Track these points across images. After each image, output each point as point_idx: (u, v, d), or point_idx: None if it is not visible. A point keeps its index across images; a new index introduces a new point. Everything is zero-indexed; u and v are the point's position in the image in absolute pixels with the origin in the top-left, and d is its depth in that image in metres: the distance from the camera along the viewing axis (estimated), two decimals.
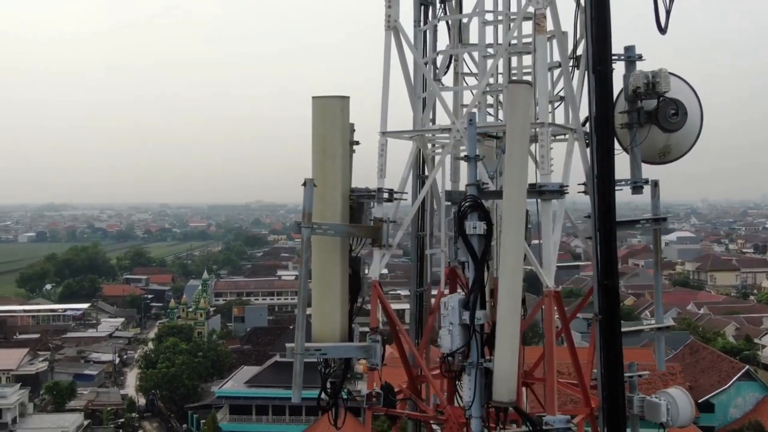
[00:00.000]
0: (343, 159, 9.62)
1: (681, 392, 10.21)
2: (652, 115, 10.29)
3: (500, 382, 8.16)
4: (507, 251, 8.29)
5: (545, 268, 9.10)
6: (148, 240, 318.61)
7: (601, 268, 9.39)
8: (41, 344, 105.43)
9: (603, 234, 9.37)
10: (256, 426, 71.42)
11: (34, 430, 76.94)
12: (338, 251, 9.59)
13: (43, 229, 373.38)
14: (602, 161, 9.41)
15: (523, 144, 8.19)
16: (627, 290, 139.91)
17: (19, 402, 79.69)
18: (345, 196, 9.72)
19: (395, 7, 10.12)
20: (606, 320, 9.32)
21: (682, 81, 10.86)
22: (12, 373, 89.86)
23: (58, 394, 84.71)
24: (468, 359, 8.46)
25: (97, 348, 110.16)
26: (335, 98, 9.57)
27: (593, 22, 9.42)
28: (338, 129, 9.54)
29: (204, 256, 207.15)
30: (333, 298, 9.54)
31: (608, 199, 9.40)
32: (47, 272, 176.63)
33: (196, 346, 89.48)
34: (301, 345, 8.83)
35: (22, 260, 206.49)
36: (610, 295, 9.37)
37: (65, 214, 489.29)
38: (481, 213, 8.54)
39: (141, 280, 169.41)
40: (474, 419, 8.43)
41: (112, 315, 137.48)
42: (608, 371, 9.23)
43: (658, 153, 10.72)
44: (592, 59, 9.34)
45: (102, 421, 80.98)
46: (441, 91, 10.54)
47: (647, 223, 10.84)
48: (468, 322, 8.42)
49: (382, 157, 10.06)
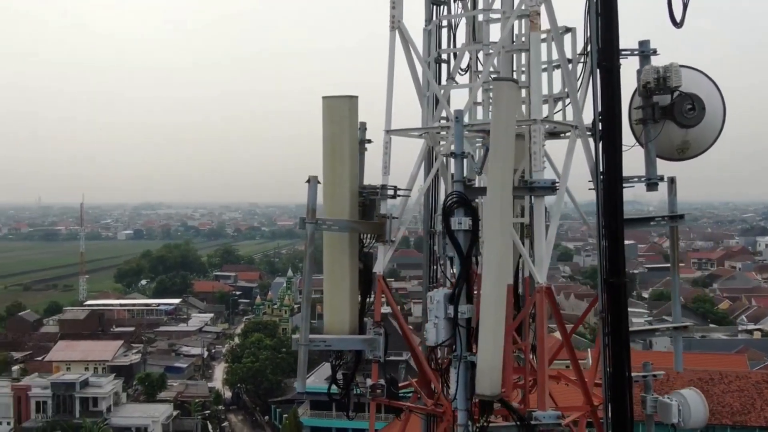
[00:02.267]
0: (351, 157, 9.87)
1: (695, 393, 9.98)
2: (667, 111, 10.08)
3: (483, 375, 8.23)
4: (490, 245, 8.34)
5: (537, 264, 9.11)
6: (237, 238, 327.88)
7: (607, 265, 9.29)
8: (135, 337, 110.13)
9: (609, 231, 9.28)
10: (335, 422, 72.42)
11: (126, 418, 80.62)
12: (347, 247, 9.85)
13: (139, 227, 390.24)
14: (609, 158, 9.33)
15: (508, 140, 8.22)
16: (722, 294, 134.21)
17: (114, 391, 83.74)
18: (354, 193, 9.96)
19: (399, 8, 10.30)
20: (612, 318, 9.22)
21: (704, 75, 10.59)
22: (107, 364, 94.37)
23: (150, 385, 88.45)
24: (453, 353, 8.60)
25: (187, 342, 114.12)
26: (343, 98, 9.83)
27: (599, 16, 9.36)
28: (346, 128, 9.79)
29: (291, 255, 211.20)
30: (343, 292, 9.81)
31: (614, 196, 9.30)
32: (142, 268, 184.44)
33: (279, 342, 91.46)
34: (305, 336, 9.16)
35: (120, 257, 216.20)
36: (615, 292, 9.25)
37: (160, 213, 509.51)
38: (467, 209, 8.65)
39: (230, 277, 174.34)
40: (459, 412, 8.57)
41: (201, 310, 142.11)
42: (614, 370, 9.15)
43: (676, 149, 10.47)
44: (597, 54, 9.29)
45: (190, 412, 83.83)
46: (452, 89, 10.66)
47: (663, 220, 10.60)
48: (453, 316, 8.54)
49: (386, 155, 10.26)
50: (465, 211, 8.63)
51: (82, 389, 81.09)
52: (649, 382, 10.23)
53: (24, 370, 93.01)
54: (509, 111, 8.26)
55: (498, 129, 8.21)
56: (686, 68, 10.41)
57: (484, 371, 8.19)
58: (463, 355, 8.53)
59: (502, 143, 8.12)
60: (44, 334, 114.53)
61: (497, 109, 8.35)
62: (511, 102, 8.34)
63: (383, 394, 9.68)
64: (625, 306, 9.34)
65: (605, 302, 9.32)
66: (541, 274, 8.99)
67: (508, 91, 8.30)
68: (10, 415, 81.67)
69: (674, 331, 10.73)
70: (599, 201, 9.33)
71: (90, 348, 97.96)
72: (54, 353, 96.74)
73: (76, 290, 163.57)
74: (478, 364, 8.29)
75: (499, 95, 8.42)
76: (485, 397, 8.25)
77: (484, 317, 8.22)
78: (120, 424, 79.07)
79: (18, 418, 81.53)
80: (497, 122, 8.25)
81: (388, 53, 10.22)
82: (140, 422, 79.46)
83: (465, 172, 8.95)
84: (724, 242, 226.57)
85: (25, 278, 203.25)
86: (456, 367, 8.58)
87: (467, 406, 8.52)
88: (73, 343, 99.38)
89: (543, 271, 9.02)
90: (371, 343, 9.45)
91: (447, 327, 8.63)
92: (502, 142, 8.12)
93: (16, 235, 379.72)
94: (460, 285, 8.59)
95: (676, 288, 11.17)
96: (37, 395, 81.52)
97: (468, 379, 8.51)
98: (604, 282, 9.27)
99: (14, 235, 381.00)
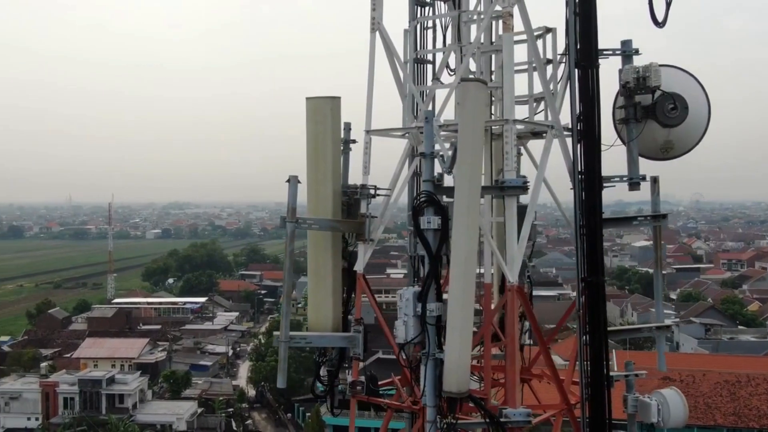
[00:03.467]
0: (333, 157, 10.03)
1: (675, 393, 9.97)
2: (649, 110, 10.09)
3: (450, 373, 8.32)
4: (458, 243, 8.41)
5: (509, 263, 9.15)
6: (263, 237, 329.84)
7: (586, 264, 9.33)
8: (161, 335, 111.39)
9: (588, 230, 9.31)
10: (358, 421, 72.46)
11: (151, 415, 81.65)
12: (330, 245, 10.01)
13: (167, 226, 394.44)
14: (587, 157, 9.37)
15: (474, 140, 8.30)
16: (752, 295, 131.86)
17: (139, 388, 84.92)
18: (336, 192, 10.11)
19: (379, 10, 10.43)
20: (590, 316, 9.25)
21: (689, 75, 10.57)
22: (134, 362, 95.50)
23: (175, 382, 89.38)
24: (423, 350, 8.70)
25: (212, 340, 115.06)
26: (326, 99, 10.00)
27: (577, 16, 9.38)
28: (329, 128, 9.95)
29: None
30: (325, 289, 9.98)
31: (593, 195, 9.34)
32: (169, 267, 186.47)
33: None
34: (285, 333, 9.33)
35: (148, 256, 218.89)
36: (594, 291, 9.29)
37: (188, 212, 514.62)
38: (436, 208, 8.75)
39: (255, 276, 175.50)
40: (428, 408, 8.66)
41: (227, 309, 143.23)
42: (592, 368, 9.18)
43: (660, 149, 10.46)
44: (575, 55, 9.32)
45: (214, 409, 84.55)
46: (437, 89, 10.75)
47: (645, 219, 10.59)
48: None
49: (366, 155, 10.39)
50: (434, 210, 8.73)
51: (108, 386, 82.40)
52: (631, 382, 10.22)
53: (52, 366, 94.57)
54: (475, 111, 8.33)
55: (465, 129, 8.29)
56: (671, 68, 10.42)
57: (451, 369, 8.29)
58: (432, 352, 8.62)
59: (468, 143, 8.20)
60: (73, 332, 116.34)
61: (463, 109, 8.44)
62: (478, 102, 8.41)
63: (363, 390, 9.80)
64: (603, 304, 9.36)
65: (587, 301, 9.35)
66: (512, 273, 9.05)
67: (474, 92, 8.38)
68: (39, 411, 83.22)
69: (656, 331, 10.71)
70: (577, 200, 9.36)
71: (117, 345, 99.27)
72: (82, 350, 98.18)
73: (105, 288, 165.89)
74: (446, 362, 8.39)
75: (464, 95, 8.51)
76: (452, 395, 8.34)
77: (452, 315, 8.30)
78: (145, 420, 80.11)
79: (46, 413, 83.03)
80: (463, 122, 8.34)
81: (368, 54, 10.33)
82: (165, 419, 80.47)
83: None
84: (755, 243, 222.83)
85: (56, 276, 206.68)
86: (425, 364, 8.68)
87: (436, 403, 8.62)
88: (101, 340, 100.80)
89: (514, 271, 9.07)
90: (351, 341, 9.59)
91: (416, 325, 8.75)
92: (468, 142, 8.20)
93: (47, 233, 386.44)
94: (428, 283, 8.70)
95: (659, 287, 11.14)
96: (65, 391, 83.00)
97: (437, 377, 8.60)
98: (581, 281, 9.30)
99: (45, 233, 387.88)
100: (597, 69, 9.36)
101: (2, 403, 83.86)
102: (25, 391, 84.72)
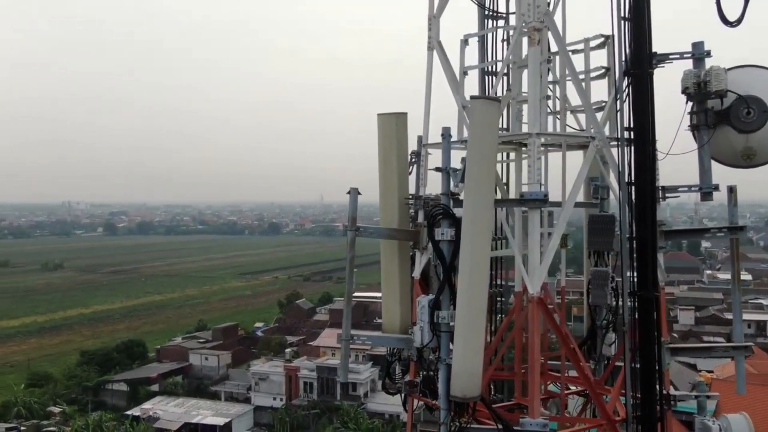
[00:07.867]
0: (399, 169, 10.68)
1: (743, 418, 9.22)
2: (722, 115, 9.44)
3: (456, 378, 8.57)
4: (464, 254, 8.59)
5: (530, 274, 9.12)
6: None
7: (638, 277, 9.05)
8: None
9: (639, 242, 9.03)
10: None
11: (381, 404, 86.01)
12: (396, 252, 10.70)
13: None
14: (638, 166, 9.08)
15: (482, 156, 8.42)
16: None
17: (370, 378, 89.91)
18: (402, 202, 10.77)
19: (435, 29, 10.80)
20: (642, 333, 8.96)
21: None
22: (367, 353, 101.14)
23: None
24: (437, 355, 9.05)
25: None
26: (392, 114, 10.67)
27: (626, 21, 9.11)
28: (395, 142, 10.62)
29: None
30: (393, 294, 10.68)
31: (644, 206, 9.02)
32: None
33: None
34: (346, 332, 10.21)
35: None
36: (645, 306, 8.98)
37: None
38: (451, 221, 9.06)
39: None
40: (441, 410, 9.00)
41: None
42: (643, 388, 8.90)
43: (740, 155, 9.69)
44: (626, 62, 9.08)
45: None
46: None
47: (720, 231, 9.81)
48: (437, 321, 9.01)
49: (423, 167, 10.89)
50: (449, 223, 9.10)
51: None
52: (703, 402, 9.65)
53: (296, 353, 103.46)
54: (484, 128, 8.52)
55: (473, 145, 8.53)
56: (752, 67, 9.65)
57: (457, 374, 8.59)
58: (443, 358, 9.00)
59: (475, 158, 8.44)
60: (316, 322, 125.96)
61: (473, 126, 8.67)
62: (488, 119, 8.56)
63: (418, 390, 10.35)
64: (656, 321, 9.01)
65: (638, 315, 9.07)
66: (533, 284, 9.06)
67: (482, 108, 8.56)
68: (282, 392, 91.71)
69: (734, 351, 9.92)
70: (623, 211, 9.11)
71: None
72: (322, 339, 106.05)
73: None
74: (453, 367, 8.70)
75: (472, 112, 8.74)
76: (457, 399, 8.64)
77: (459, 323, 8.60)
78: (375, 409, 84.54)
79: (289, 395, 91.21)
80: (472, 139, 8.57)
81: (426, 72, 10.82)
82: (393, 410, 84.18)
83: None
84: None
85: (306, 270, 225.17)
86: (440, 369, 9.08)
87: (447, 406, 8.95)
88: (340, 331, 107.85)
89: (537, 282, 9.07)
90: (408, 342, 10.20)
91: (431, 331, 9.17)
92: (475, 158, 8.44)
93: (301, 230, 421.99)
94: (441, 291, 9.08)
95: (738, 305, 10.22)
96: (305, 376, 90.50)
97: (448, 381, 8.93)
98: (630, 295, 9.04)
99: (299, 230, 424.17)
100: (650, 76, 9.00)
101: (253, 382, 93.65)
102: (272, 374, 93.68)
